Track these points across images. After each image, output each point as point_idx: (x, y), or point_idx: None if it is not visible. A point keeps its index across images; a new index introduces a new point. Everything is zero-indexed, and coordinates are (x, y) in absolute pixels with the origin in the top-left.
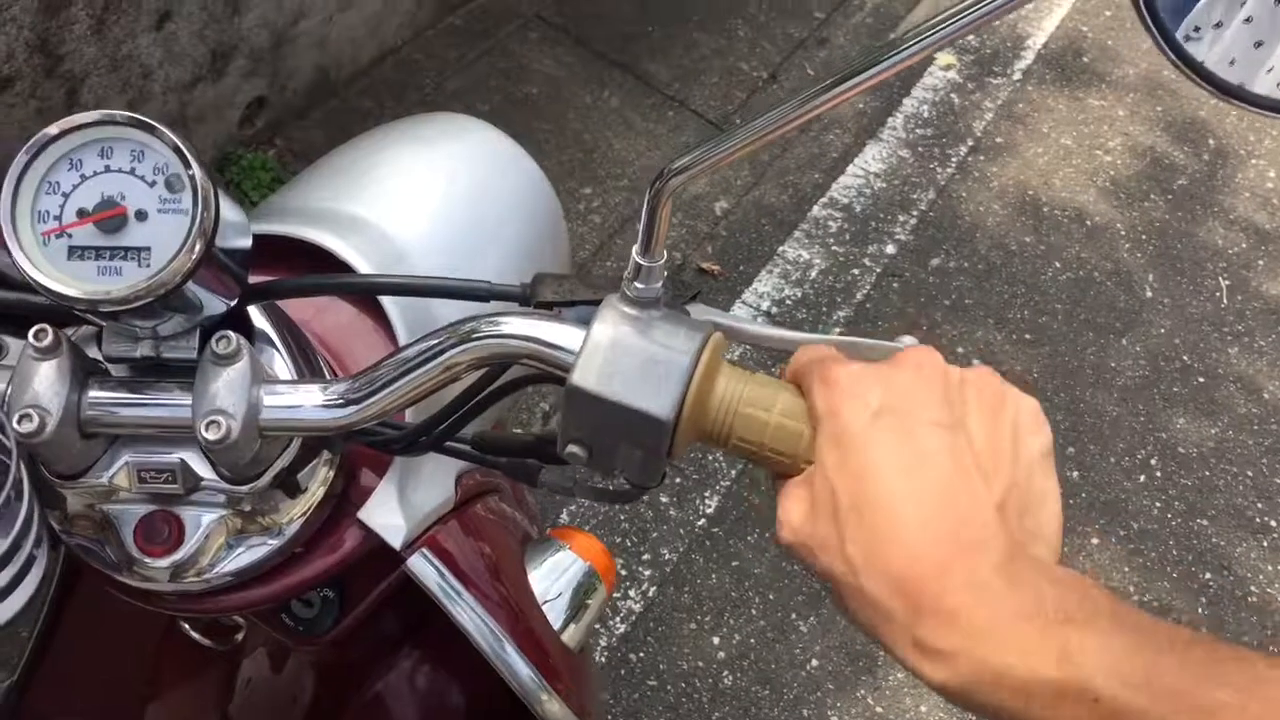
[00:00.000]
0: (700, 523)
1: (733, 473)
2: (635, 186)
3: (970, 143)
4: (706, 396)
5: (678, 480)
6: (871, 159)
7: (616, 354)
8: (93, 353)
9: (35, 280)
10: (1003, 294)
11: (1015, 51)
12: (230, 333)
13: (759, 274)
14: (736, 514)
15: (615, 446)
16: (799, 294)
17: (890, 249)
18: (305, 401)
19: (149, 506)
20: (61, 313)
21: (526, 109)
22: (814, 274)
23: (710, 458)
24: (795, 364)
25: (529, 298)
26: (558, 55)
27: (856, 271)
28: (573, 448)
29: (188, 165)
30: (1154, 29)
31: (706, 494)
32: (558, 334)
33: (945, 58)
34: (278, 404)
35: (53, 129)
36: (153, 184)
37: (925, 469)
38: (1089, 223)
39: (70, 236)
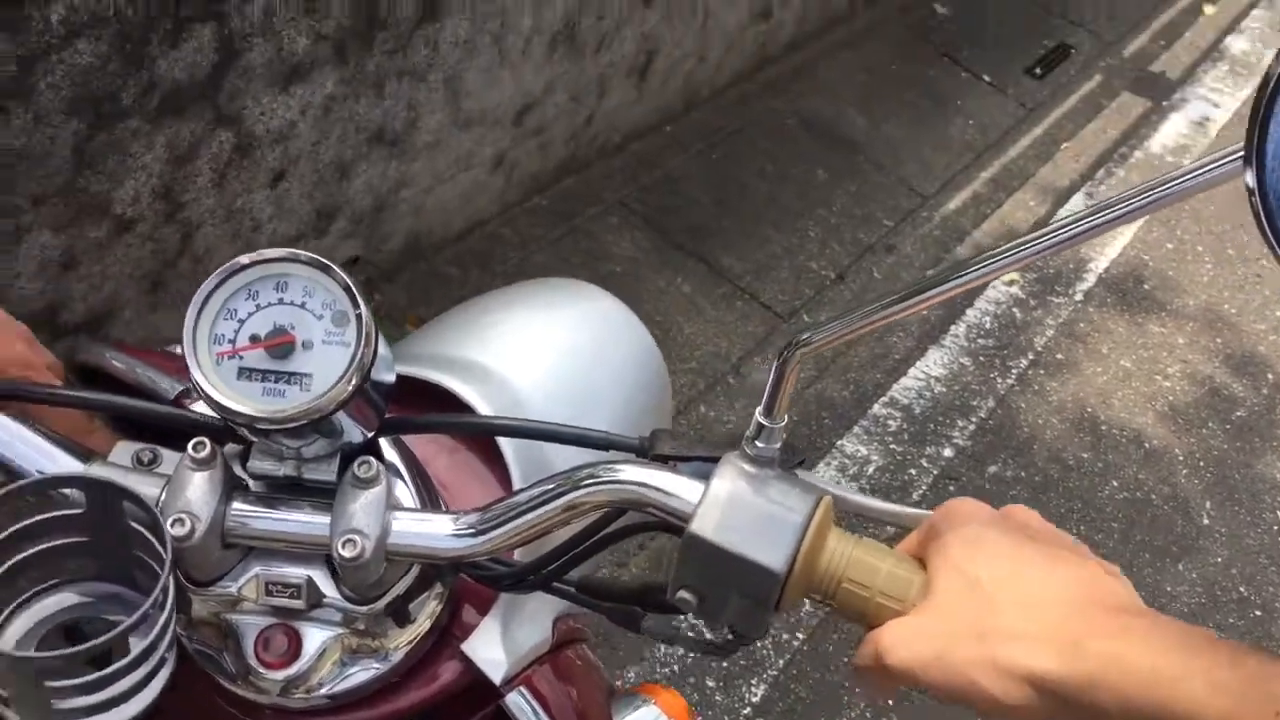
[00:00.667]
0: (745, 711)
1: (780, 662)
2: (701, 370)
3: (1031, 356)
4: (817, 554)
5: (724, 665)
6: (933, 363)
7: (734, 507)
8: (236, 470)
9: (209, 395)
10: (1059, 508)
11: (1077, 273)
12: (372, 459)
13: (816, 466)
14: (783, 706)
15: (725, 596)
16: (855, 489)
17: (948, 452)
18: (433, 529)
19: (268, 619)
20: (215, 428)
21: (604, 287)
22: (871, 470)
23: (759, 645)
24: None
25: (646, 450)
26: (636, 240)
27: (914, 472)
28: (684, 594)
29: (355, 305)
30: (1274, 243)
31: (753, 681)
32: (677, 485)
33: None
34: (407, 529)
35: (244, 259)
36: (320, 317)
37: (1057, 555)
38: (1147, 445)
39: (241, 359)
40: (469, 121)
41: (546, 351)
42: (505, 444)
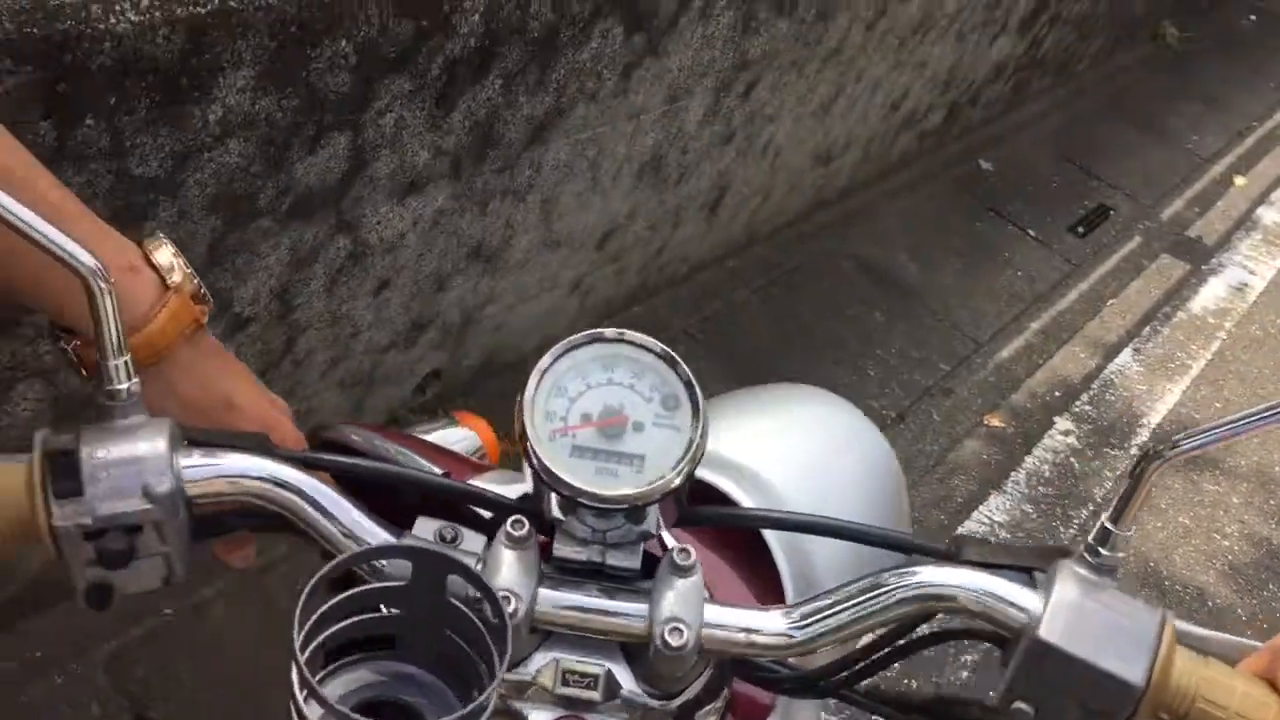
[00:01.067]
0: None
1: None
2: None
3: (1091, 506)
4: (1169, 670)
5: None
6: (995, 509)
7: (1082, 615)
8: None
9: (551, 471)
10: None
11: (1131, 426)
12: (689, 546)
13: None
14: None
15: (1064, 709)
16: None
17: None
18: (757, 621)
19: (557, 710)
20: (508, 508)
21: None
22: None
23: None
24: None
25: (954, 554)
26: (700, 368)
27: None
28: (1020, 705)
29: (693, 393)
30: None
31: None
32: (1011, 591)
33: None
34: (727, 620)
35: (608, 332)
36: (649, 400)
37: None
38: (1210, 604)
39: (574, 437)
40: (557, 243)
41: (791, 451)
42: (774, 543)
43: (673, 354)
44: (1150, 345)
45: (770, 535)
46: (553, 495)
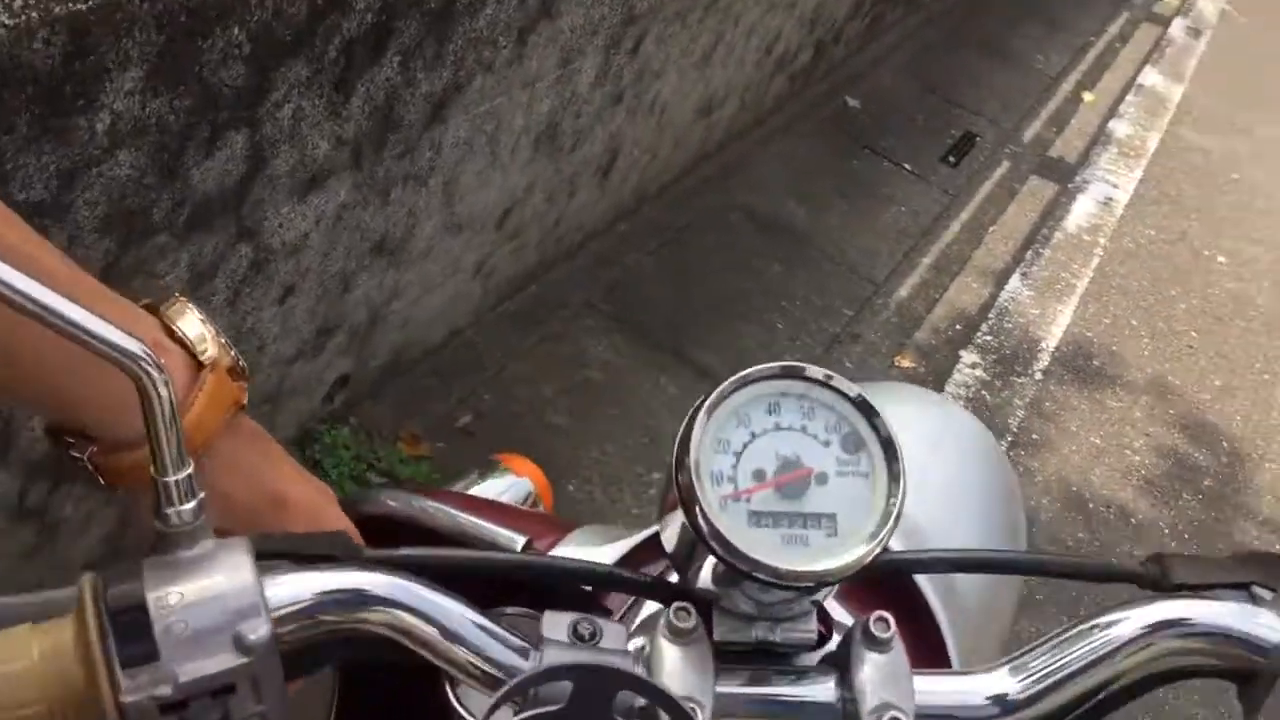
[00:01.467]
0: None
1: None
2: None
3: (1009, 438)
4: None
5: None
6: None
7: None
8: None
9: (734, 547)
10: (1070, 589)
11: (1031, 352)
12: (887, 615)
13: None
14: None
15: None
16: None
17: None
18: (968, 689)
19: None
20: (668, 592)
21: (589, 394)
22: None
23: None
24: None
25: (1160, 580)
26: (614, 343)
27: None
28: None
29: (890, 450)
30: None
31: None
32: (1256, 620)
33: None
34: (935, 695)
35: (812, 370)
36: (827, 444)
37: None
38: (1134, 520)
39: (749, 501)
40: (460, 226)
41: (916, 471)
42: (924, 584)
43: (869, 402)
44: (1035, 269)
45: (920, 575)
46: (706, 565)
